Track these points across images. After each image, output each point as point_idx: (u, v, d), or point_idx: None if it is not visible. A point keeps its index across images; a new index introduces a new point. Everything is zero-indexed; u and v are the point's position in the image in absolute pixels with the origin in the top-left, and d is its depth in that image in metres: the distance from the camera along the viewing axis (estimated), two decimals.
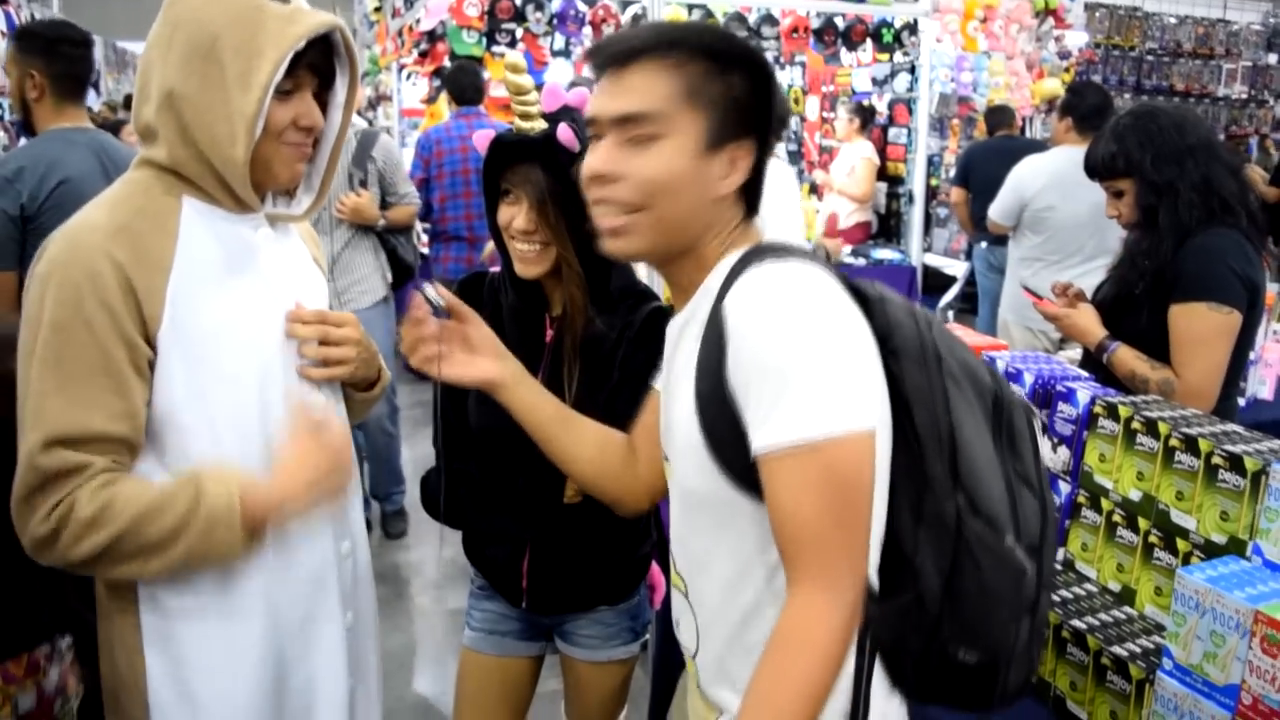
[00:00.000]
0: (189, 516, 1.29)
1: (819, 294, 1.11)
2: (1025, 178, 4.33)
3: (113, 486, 1.28)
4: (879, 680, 1.20)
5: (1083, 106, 4.24)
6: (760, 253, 1.17)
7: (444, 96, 5.28)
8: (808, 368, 1.06)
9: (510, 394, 1.49)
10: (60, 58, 2.85)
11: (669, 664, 2.03)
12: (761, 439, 1.08)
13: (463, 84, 4.94)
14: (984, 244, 5.64)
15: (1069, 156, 4.16)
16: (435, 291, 1.45)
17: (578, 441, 1.51)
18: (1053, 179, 4.19)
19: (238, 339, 1.39)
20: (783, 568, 1.13)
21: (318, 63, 1.41)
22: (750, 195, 1.24)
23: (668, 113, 1.16)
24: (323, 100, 1.47)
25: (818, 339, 1.08)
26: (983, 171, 5.56)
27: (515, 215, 1.69)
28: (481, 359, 1.48)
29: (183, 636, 1.39)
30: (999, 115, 6.11)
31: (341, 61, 1.46)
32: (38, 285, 1.30)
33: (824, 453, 1.06)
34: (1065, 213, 4.15)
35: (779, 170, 4.26)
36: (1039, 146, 5.95)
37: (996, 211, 4.49)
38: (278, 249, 1.49)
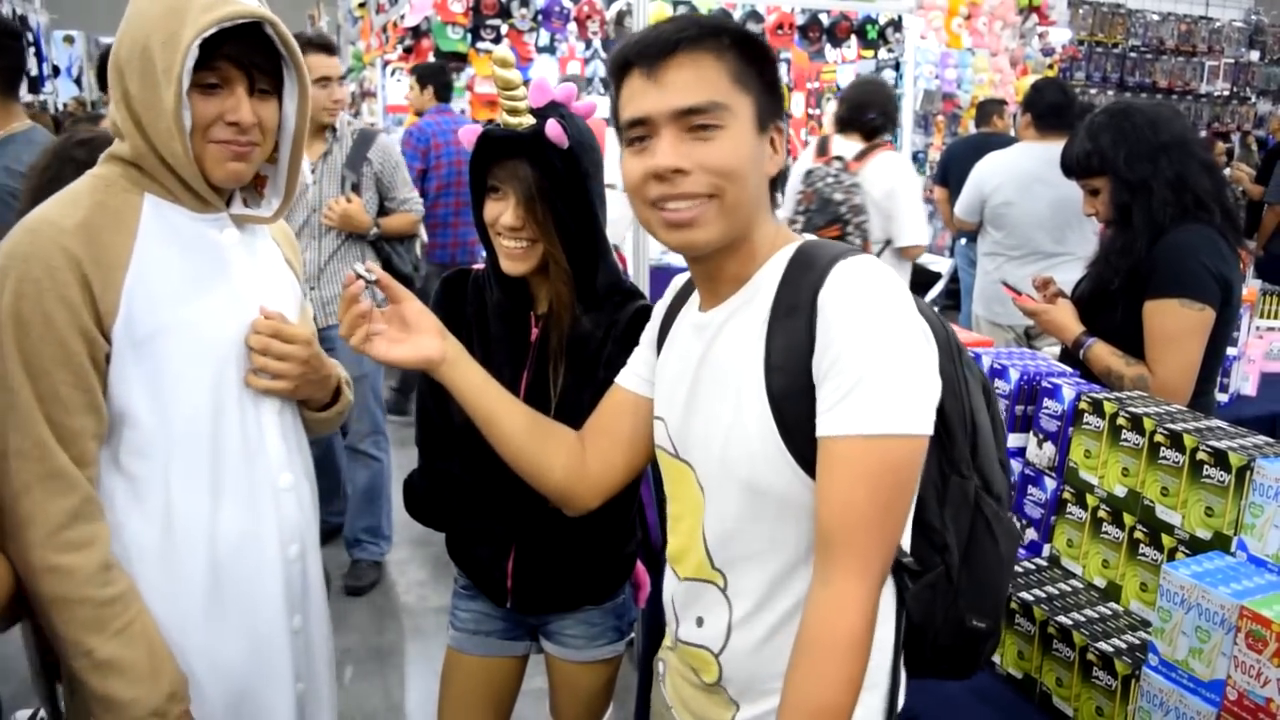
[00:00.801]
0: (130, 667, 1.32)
1: (905, 297, 1.17)
2: (984, 174, 4.34)
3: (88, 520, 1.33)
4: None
5: (1040, 104, 4.23)
6: (829, 248, 1.22)
7: (429, 91, 5.28)
8: (890, 367, 1.11)
9: (450, 372, 1.46)
10: (3, 51, 2.80)
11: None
12: (831, 424, 1.12)
13: (445, 82, 4.96)
14: (964, 240, 5.67)
15: (1028, 153, 4.21)
16: (366, 268, 1.43)
17: (522, 431, 1.48)
18: (1010, 176, 4.19)
19: (193, 338, 1.39)
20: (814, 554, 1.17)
21: (257, 60, 1.38)
22: (776, 185, 1.28)
23: (726, 100, 1.18)
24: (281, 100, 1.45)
25: (904, 342, 1.13)
26: (962, 169, 5.53)
27: (502, 211, 1.68)
28: (420, 337, 1.45)
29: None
30: (987, 107, 6.12)
31: (287, 62, 1.43)
32: None
33: (889, 448, 1.11)
34: (1023, 209, 4.14)
35: (898, 163, 4.21)
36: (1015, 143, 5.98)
37: (960, 208, 4.52)
38: (244, 250, 1.48)
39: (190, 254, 1.40)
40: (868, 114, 4.11)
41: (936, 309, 1.33)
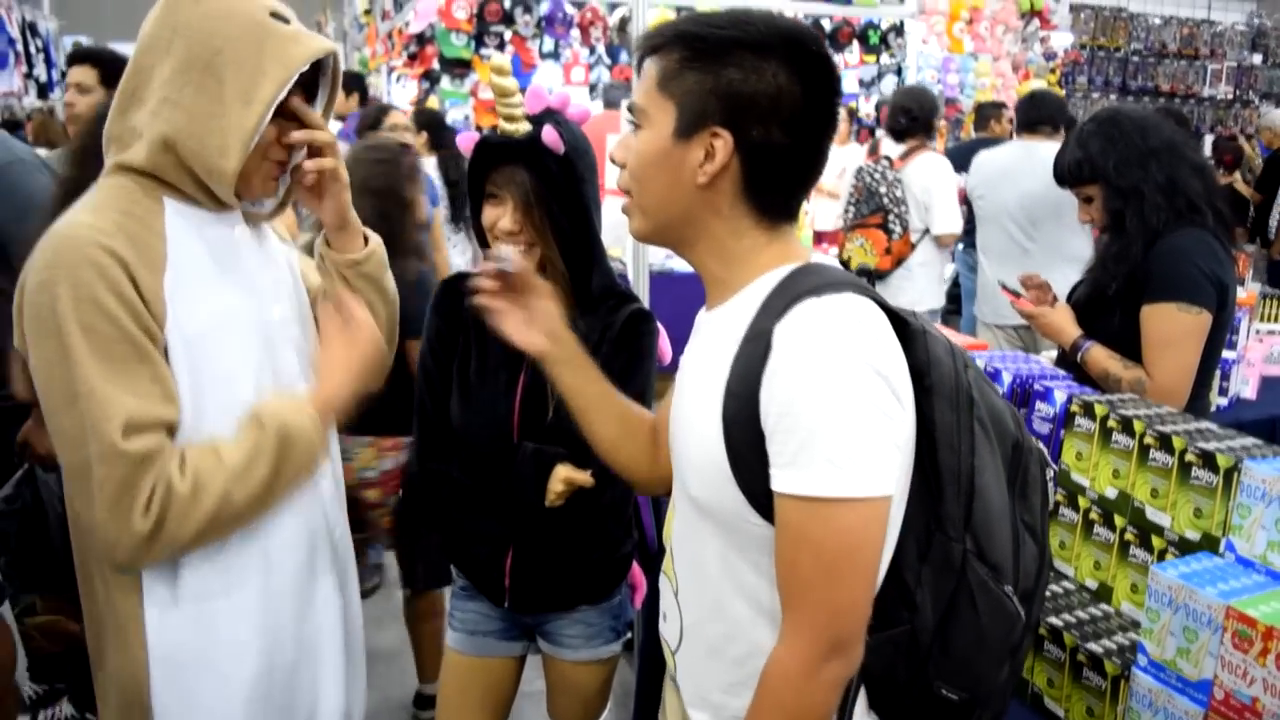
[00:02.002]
0: (279, 451, 1.36)
1: (870, 345, 1.10)
2: (970, 173, 4.63)
3: (188, 457, 1.31)
4: (859, 702, 1.21)
5: (1021, 107, 4.60)
6: (814, 278, 1.15)
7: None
8: (841, 425, 1.06)
9: (553, 370, 1.46)
10: None
11: (656, 663, 2.04)
12: (780, 481, 1.09)
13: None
14: (963, 245, 5.69)
15: (1004, 150, 4.51)
16: (510, 255, 1.44)
17: (605, 423, 1.48)
18: (982, 173, 4.48)
19: (231, 337, 1.40)
20: (777, 595, 1.15)
21: (309, 84, 1.45)
22: (760, 196, 1.19)
23: (644, 105, 1.20)
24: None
25: (858, 398, 1.07)
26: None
27: (500, 216, 1.71)
28: (535, 332, 1.44)
29: (182, 620, 1.39)
30: (985, 111, 6.14)
31: (324, 82, 1.50)
32: (42, 294, 1.26)
33: (836, 513, 1.07)
34: (991, 202, 4.36)
35: (937, 161, 4.67)
36: None
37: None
38: (255, 245, 1.51)
39: (215, 253, 1.42)
40: (898, 118, 4.69)
41: (938, 322, 1.29)
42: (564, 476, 1.72)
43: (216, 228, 1.43)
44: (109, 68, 3.28)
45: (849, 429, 1.06)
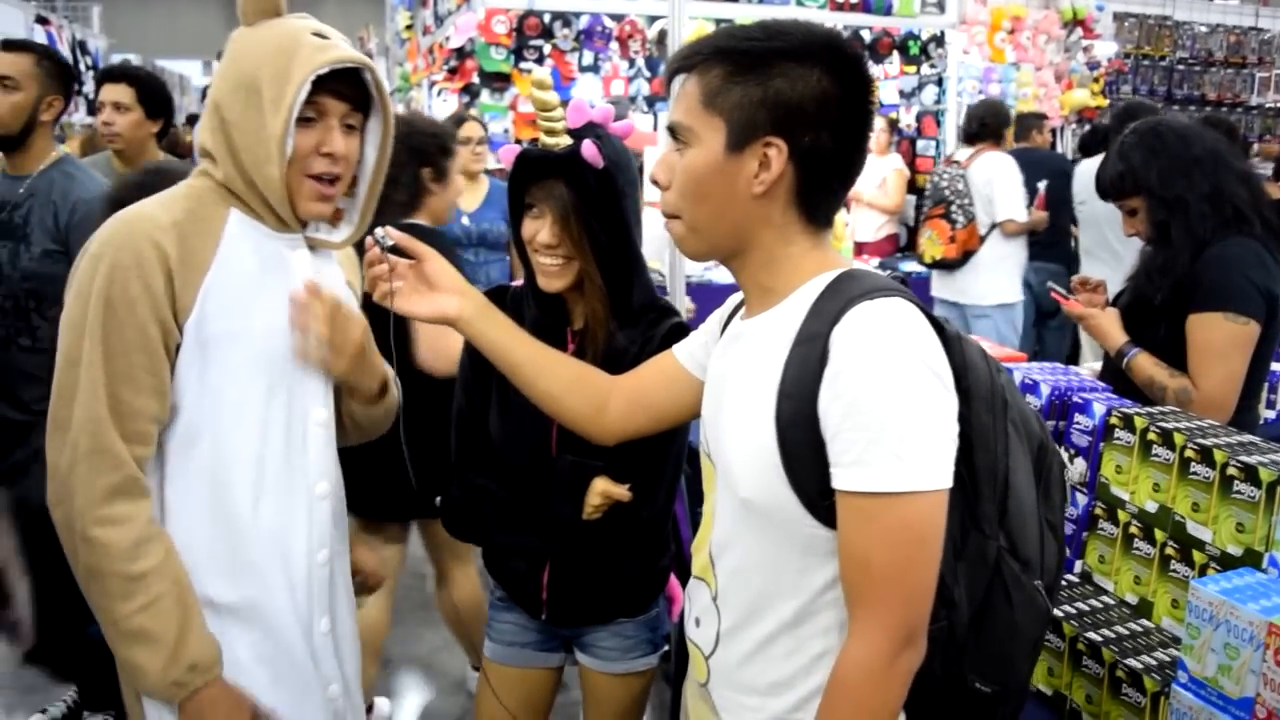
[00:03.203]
0: (164, 635, 1.40)
1: (924, 345, 1.15)
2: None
3: (159, 536, 1.43)
4: None
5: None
6: (862, 283, 1.19)
7: None
8: (905, 421, 1.11)
9: (471, 328, 1.52)
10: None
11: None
12: (847, 479, 1.13)
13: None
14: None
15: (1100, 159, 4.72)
16: (384, 232, 1.50)
17: (551, 378, 1.54)
18: (1081, 180, 4.98)
19: (255, 345, 1.48)
20: (828, 593, 1.20)
21: (351, 96, 1.50)
22: (808, 202, 1.23)
23: (689, 122, 1.22)
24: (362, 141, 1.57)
25: (919, 394, 1.12)
26: None
27: (539, 229, 1.73)
28: (441, 295, 1.51)
29: None
30: (1025, 121, 6.09)
31: (375, 103, 1.55)
32: (90, 263, 1.41)
33: (904, 505, 1.11)
34: (1090, 209, 4.84)
35: (999, 158, 5.03)
36: (1058, 158, 5.99)
37: None
38: (311, 270, 1.56)
39: (264, 268, 1.50)
40: (972, 124, 5.24)
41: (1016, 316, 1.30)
42: (601, 490, 1.74)
43: (273, 245, 1.52)
44: (145, 86, 3.37)
45: (913, 424, 1.11)
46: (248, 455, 1.48)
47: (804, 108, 1.18)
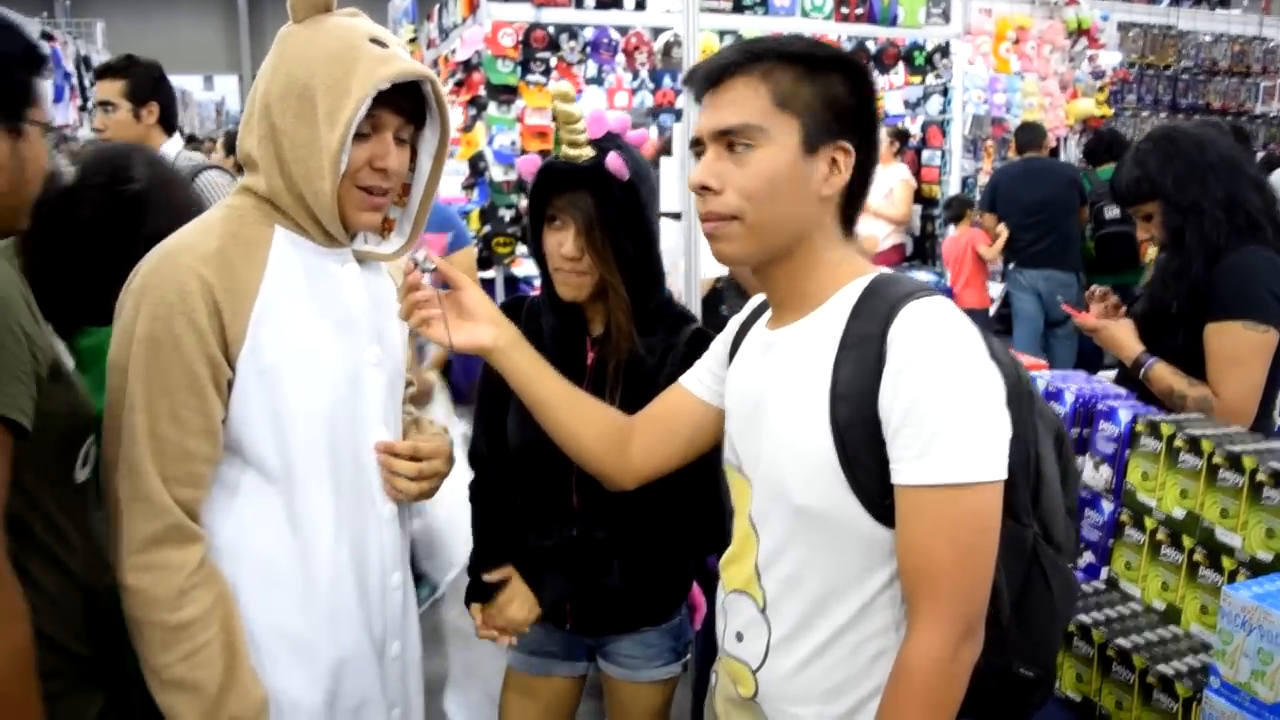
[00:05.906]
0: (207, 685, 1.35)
1: (977, 341, 1.18)
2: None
3: (208, 581, 1.37)
4: None
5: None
6: (903, 285, 1.23)
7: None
8: (967, 414, 1.14)
9: (505, 359, 1.51)
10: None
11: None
12: (912, 473, 1.15)
13: None
14: (1013, 265, 5.67)
15: None
16: (426, 257, 1.47)
17: (575, 418, 1.54)
18: None
19: (313, 370, 1.42)
20: (884, 593, 1.22)
21: (407, 108, 1.43)
22: (851, 206, 1.28)
23: (761, 123, 1.22)
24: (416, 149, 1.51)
25: (979, 388, 1.16)
26: (1009, 194, 5.70)
27: (562, 241, 1.73)
28: (475, 325, 1.50)
29: None
30: (1027, 133, 6.11)
31: (432, 112, 1.49)
32: (133, 299, 1.35)
33: (969, 497, 1.14)
34: None
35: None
36: (1066, 167, 6.00)
37: None
38: (362, 285, 1.51)
39: (314, 287, 1.44)
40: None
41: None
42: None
43: (322, 261, 1.46)
44: (129, 74, 3.22)
45: (975, 417, 1.14)
46: (322, 482, 1.43)
47: (859, 114, 1.24)
